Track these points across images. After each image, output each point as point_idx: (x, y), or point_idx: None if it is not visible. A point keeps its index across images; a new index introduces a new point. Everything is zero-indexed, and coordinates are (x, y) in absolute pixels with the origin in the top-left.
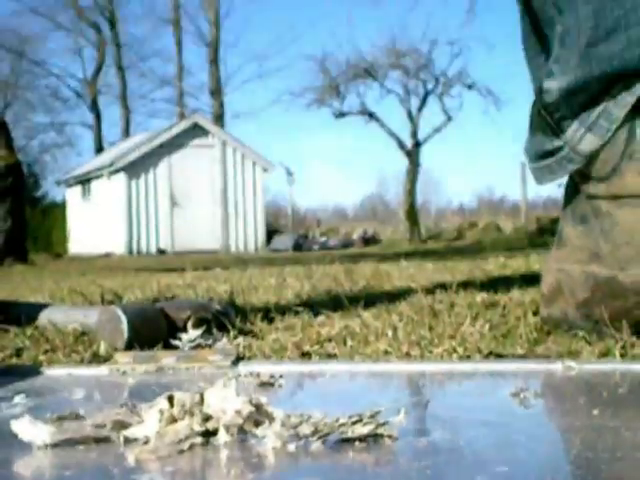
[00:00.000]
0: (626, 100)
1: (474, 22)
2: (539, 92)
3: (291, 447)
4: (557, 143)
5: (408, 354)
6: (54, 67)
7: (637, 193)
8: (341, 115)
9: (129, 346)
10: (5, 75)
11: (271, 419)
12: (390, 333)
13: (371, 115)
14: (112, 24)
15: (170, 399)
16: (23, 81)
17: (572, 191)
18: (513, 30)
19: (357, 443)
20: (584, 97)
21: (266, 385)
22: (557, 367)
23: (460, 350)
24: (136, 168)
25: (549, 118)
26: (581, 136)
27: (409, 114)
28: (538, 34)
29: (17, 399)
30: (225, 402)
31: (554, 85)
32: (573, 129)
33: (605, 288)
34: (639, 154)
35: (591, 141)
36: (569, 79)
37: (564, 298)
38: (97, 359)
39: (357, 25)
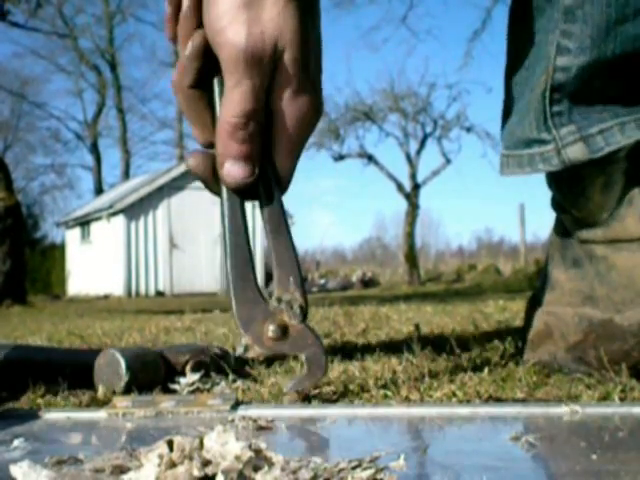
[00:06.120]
0: (635, 132)
1: (472, 65)
2: (552, 71)
3: None
4: (543, 136)
5: (407, 398)
6: (55, 109)
7: (637, 237)
8: (340, 158)
9: (127, 390)
10: (5, 117)
11: (270, 464)
12: (389, 377)
13: (370, 158)
14: (113, 67)
15: (170, 443)
16: (23, 123)
17: (561, 235)
18: None
19: None
20: (598, 88)
21: (265, 429)
22: (557, 411)
23: (460, 394)
24: (135, 210)
25: (549, 106)
26: (573, 141)
27: (408, 157)
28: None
29: (16, 443)
30: (224, 447)
31: (572, 62)
32: (567, 130)
33: (600, 330)
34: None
35: (581, 152)
36: (586, 58)
37: (553, 341)
38: (95, 403)
39: (356, 69)
